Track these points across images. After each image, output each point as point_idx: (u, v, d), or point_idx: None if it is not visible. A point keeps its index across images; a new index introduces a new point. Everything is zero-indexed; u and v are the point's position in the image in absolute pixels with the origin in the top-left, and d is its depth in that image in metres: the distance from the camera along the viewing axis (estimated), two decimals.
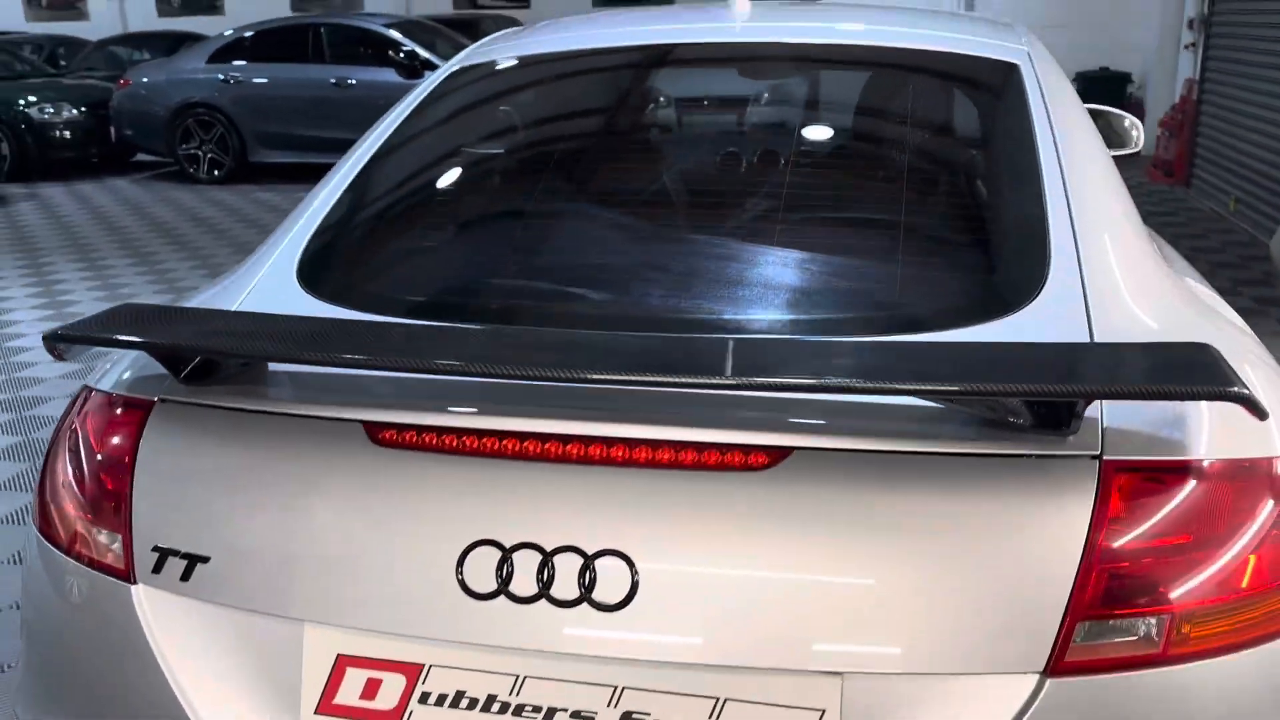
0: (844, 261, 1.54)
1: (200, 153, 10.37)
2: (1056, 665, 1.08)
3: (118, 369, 1.42)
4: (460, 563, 1.13)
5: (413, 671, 1.17)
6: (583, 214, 1.71)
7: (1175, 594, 1.11)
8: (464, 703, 1.16)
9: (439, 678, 1.17)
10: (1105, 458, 1.14)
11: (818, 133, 1.93)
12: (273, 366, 1.32)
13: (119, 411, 1.35)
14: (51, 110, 11.00)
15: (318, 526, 1.19)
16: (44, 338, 1.32)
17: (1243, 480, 1.16)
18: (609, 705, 1.13)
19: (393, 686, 1.18)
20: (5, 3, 18.90)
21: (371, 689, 1.18)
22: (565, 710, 1.14)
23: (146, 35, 15.21)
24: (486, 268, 1.59)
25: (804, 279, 1.49)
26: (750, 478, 1.12)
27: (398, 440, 1.19)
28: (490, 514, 1.14)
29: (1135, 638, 1.10)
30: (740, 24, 2.24)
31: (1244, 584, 1.13)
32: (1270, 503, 1.16)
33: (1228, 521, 1.15)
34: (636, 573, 1.11)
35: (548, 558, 1.12)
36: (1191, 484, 1.15)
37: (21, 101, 10.92)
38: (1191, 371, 1.09)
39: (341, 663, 1.19)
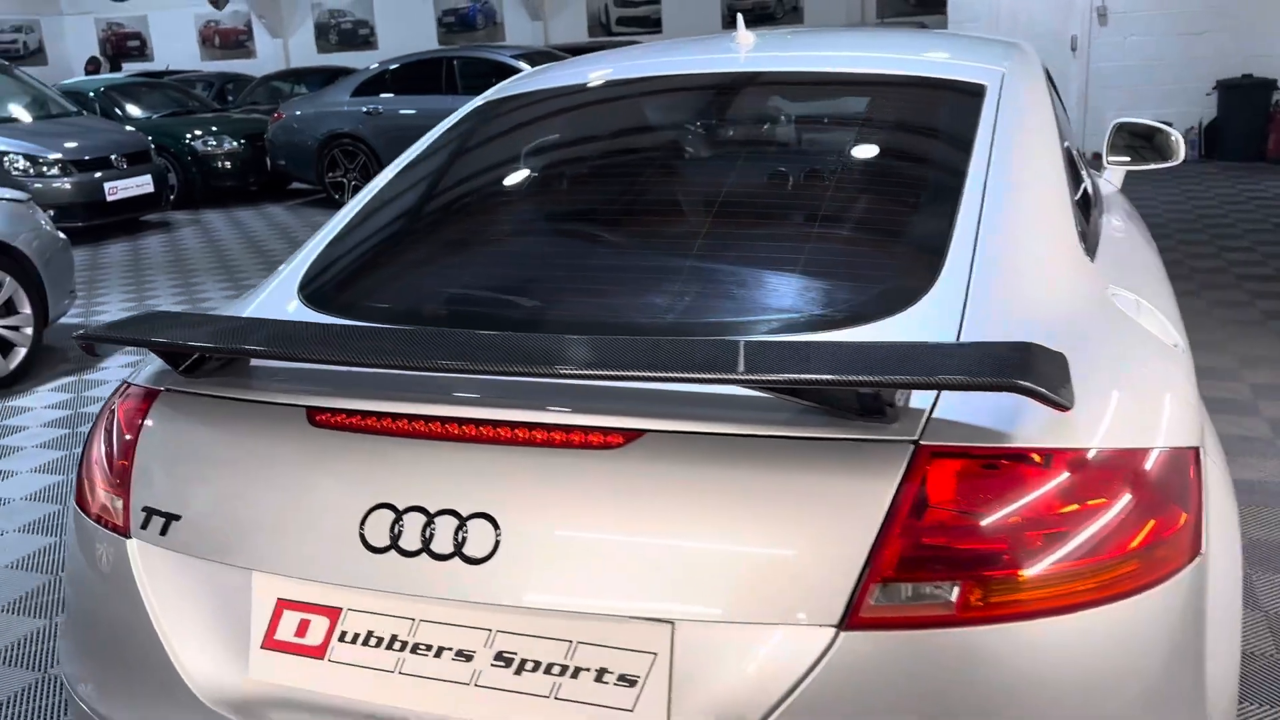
0: (754, 270, 1.70)
1: (345, 180, 11.09)
2: (851, 620, 1.22)
3: (151, 365, 1.71)
4: (363, 522, 1.36)
5: (334, 614, 1.40)
6: (540, 232, 1.93)
7: (970, 565, 1.23)
8: (373, 641, 1.38)
9: (353, 620, 1.39)
10: (922, 442, 1.27)
11: (766, 153, 2.09)
12: (253, 362, 1.59)
13: (136, 399, 1.63)
14: (214, 143, 11.96)
15: (263, 491, 1.44)
16: (74, 336, 1.63)
17: (1044, 468, 1.28)
18: (485, 646, 1.33)
19: (319, 627, 1.41)
20: (184, 44, 20.54)
21: (303, 628, 1.42)
22: (451, 649, 1.34)
23: (305, 70, 16.27)
24: (441, 281, 1.82)
25: (713, 286, 1.66)
26: (605, 454, 1.31)
27: (328, 422, 1.43)
28: (388, 482, 1.36)
29: (928, 601, 1.23)
30: (736, 55, 2.43)
31: (1038, 560, 1.24)
32: (1072, 489, 1.27)
33: (1029, 504, 1.26)
34: (500, 532, 1.31)
35: (431, 519, 1.33)
36: (998, 469, 1.27)
37: (188, 135, 11.92)
38: (993, 366, 1.21)
39: (280, 605, 1.43)
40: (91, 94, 12.70)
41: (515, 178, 2.12)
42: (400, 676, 1.36)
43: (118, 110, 12.56)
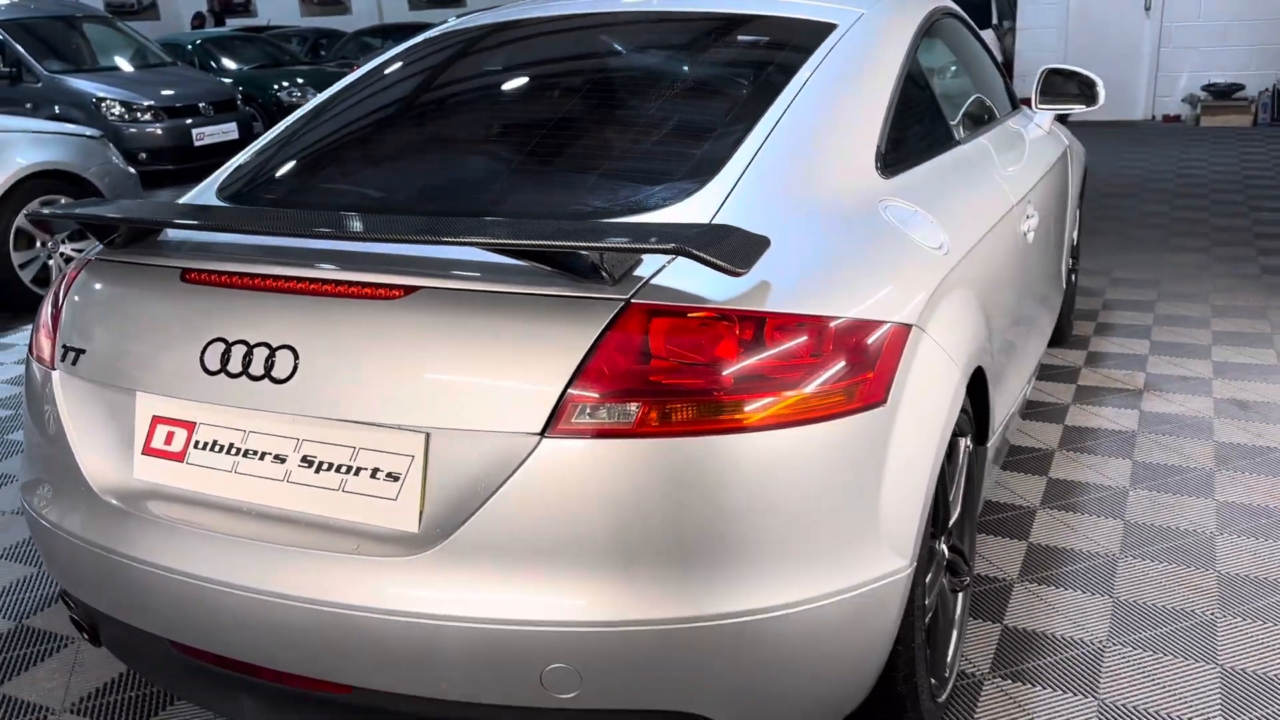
0: (566, 173, 2.02)
1: None
2: (552, 430, 1.55)
3: (96, 246, 2.12)
4: (203, 351, 1.74)
5: (190, 427, 1.79)
6: (406, 143, 2.27)
7: (652, 393, 1.55)
8: (217, 448, 1.76)
9: (204, 432, 1.78)
10: (634, 301, 1.59)
11: (611, 79, 2.38)
12: (162, 235, 1.99)
13: (76, 268, 2.05)
14: (299, 94, 12.60)
15: (144, 331, 1.83)
16: (40, 214, 2.05)
17: (731, 323, 1.58)
18: (294, 451, 1.70)
19: (180, 437, 1.80)
20: (286, 3, 21.36)
21: (169, 438, 1.81)
22: (270, 454, 1.71)
23: (393, 26, 16.84)
24: (315, 178, 2.19)
25: (532, 183, 1.99)
26: (388, 304, 1.66)
27: (192, 279, 1.81)
28: (223, 321, 1.74)
29: (616, 419, 1.54)
30: None
31: (715, 391, 1.55)
32: (754, 342, 1.57)
33: (711, 349, 1.57)
34: (299, 358, 1.67)
35: (250, 349, 1.70)
36: (691, 324, 1.57)
37: (274, 86, 12.58)
38: (673, 237, 1.52)
39: (155, 421, 1.82)
40: (189, 46, 13.46)
41: (402, 102, 2.47)
42: (235, 475, 1.75)
43: (212, 63, 13.30)
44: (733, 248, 1.55)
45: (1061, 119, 4.30)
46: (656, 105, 2.20)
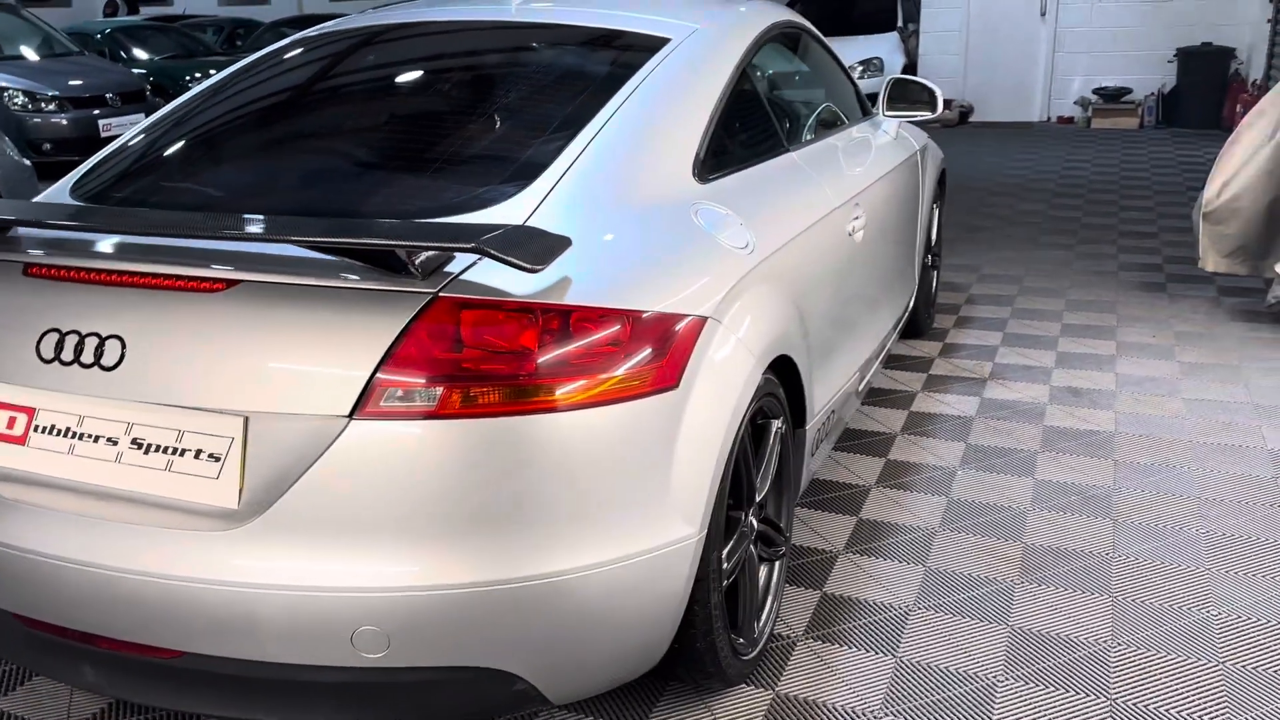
0: (398, 174, 2.18)
1: None
2: (359, 413, 1.71)
3: None
4: (39, 341, 1.86)
5: (30, 412, 1.91)
6: (249, 145, 2.42)
7: (445, 376, 1.71)
8: (54, 432, 1.88)
9: (44, 416, 1.90)
10: (442, 295, 1.75)
11: (453, 85, 2.55)
12: (12, 231, 2.10)
13: None
14: None
15: None
16: None
17: (531, 315, 1.75)
18: (125, 434, 1.84)
19: (21, 422, 1.92)
20: None
21: (11, 423, 1.93)
22: (104, 437, 1.84)
23: (311, 17, 16.70)
24: (158, 173, 2.32)
25: (363, 185, 2.14)
26: (211, 296, 1.80)
27: (33, 273, 1.93)
28: (57, 313, 1.87)
29: (419, 402, 1.71)
30: (487, 6, 2.89)
31: (517, 377, 1.73)
32: (523, 328, 1.75)
33: (509, 337, 1.74)
34: (126, 347, 1.81)
35: (83, 339, 1.83)
36: (492, 315, 1.75)
37: (186, 77, 12.45)
38: (470, 236, 1.68)
39: (1, 406, 1.94)
40: (98, 35, 13.25)
41: (255, 104, 2.60)
42: (73, 457, 1.87)
43: (122, 53, 13.10)
44: (531, 248, 1.72)
45: (960, 122, 4.54)
46: (491, 111, 2.36)
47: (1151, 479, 3.23)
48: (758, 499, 2.32)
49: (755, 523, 2.32)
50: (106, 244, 1.95)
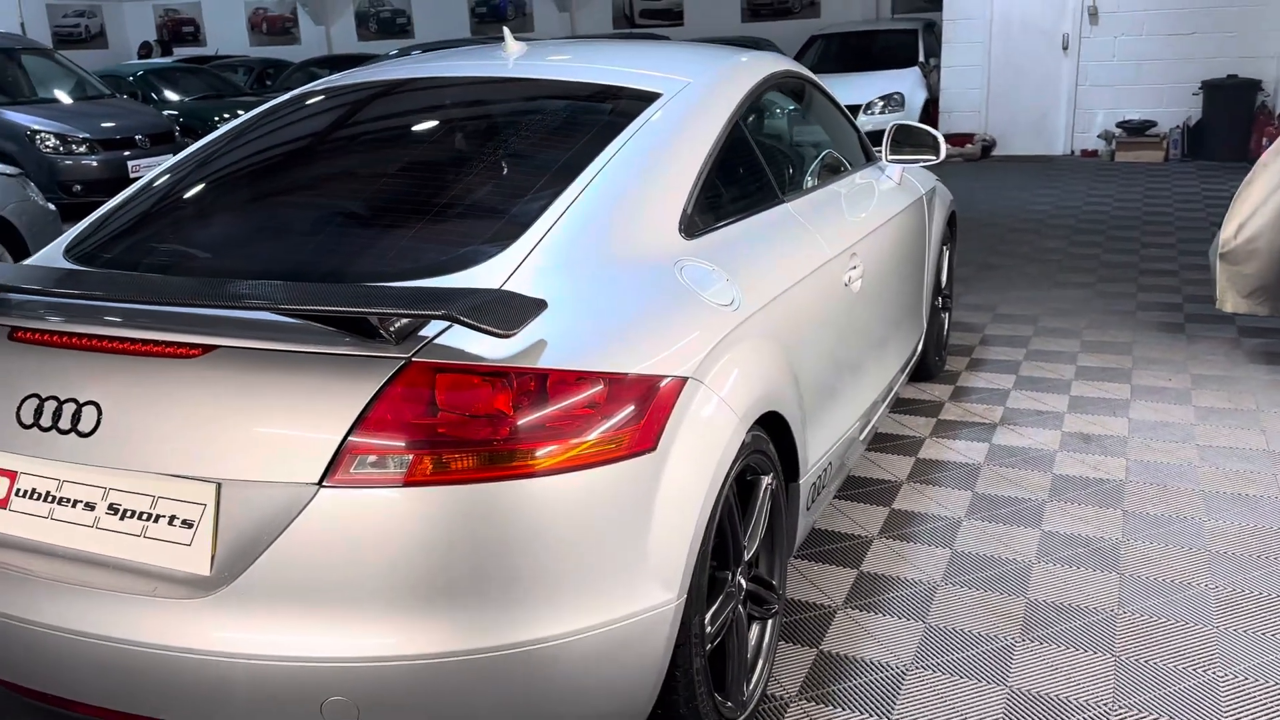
0: (383, 232, 2.18)
1: None
2: (329, 480, 1.70)
3: None
4: (20, 406, 1.88)
5: (12, 475, 1.92)
6: (242, 204, 2.43)
7: (418, 442, 1.70)
8: (35, 496, 1.89)
9: (24, 480, 1.90)
10: (415, 359, 1.75)
11: (446, 143, 2.55)
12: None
13: None
14: None
15: None
16: None
17: (497, 379, 1.74)
18: (102, 499, 1.84)
19: (3, 485, 1.93)
20: (234, 30, 21.44)
21: None
22: (82, 501, 1.85)
23: (340, 57, 16.97)
24: (148, 235, 2.34)
25: (346, 243, 2.15)
26: (187, 362, 1.80)
27: (19, 337, 1.95)
28: (37, 378, 1.88)
29: (389, 469, 1.70)
30: (482, 62, 2.91)
31: (489, 443, 1.71)
32: (495, 393, 1.73)
33: (482, 404, 1.73)
34: (102, 414, 1.81)
35: (61, 404, 1.84)
36: (466, 379, 1.74)
37: (215, 118, 12.66)
38: (440, 302, 1.68)
39: None
40: (130, 78, 13.52)
41: (246, 164, 2.62)
42: (51, 521, 1.88)
43: (154, 94, 13.35)
44: (504, 313, 1.71)
45: (982, 156, 4.51)
46: (477, 169, 2.37)
47: (1161, 530, 3.16)
48: (746, 557, 2.29)
49: (744, 582, 2.28)
50: (83, 310, 1.96)
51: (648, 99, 2.57)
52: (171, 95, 13.58)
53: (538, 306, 1.79)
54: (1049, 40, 11.78)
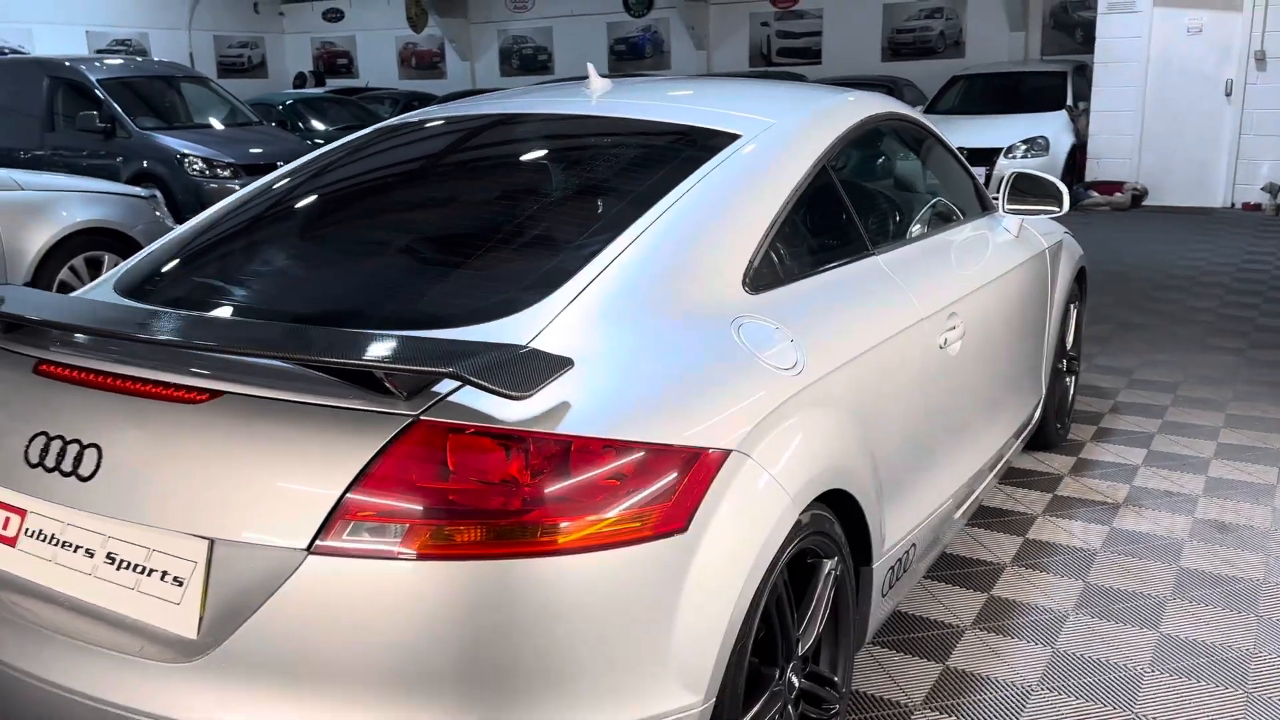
0: (423, 275, 2.05)
1: None
2: (318, 546, 1.55)
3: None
4: (29, 443, 1.80)
5: (22, 514, 1.84)
6: (285, 241, 2.34)
7: (418, 509, 1.54)
8: (42, 537, 1.81)
9: (33, 520, 1.83)
10: (424, 418, 1.60)
11: (502, 183, 2.41)
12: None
13: None
14: None
15: None
16: None
17: (514, 444, 1.57)
18: (101, 547, 1.74)
19: (13, 523, 1.85)
20: (385, 64, 22.25)
21: (6, 524, 1.87)
22: (83, 547, 1.75)
23: (479, 91, 17.32)
24: (194, 272, 2.26)
25: (387, 284, 2.02)
26: (192, 407, 1.69)
27: (42, 370, 1.88)
28: (48, 415, 1.80)
29: (384, 538, 1.54)
30: (566, 98, 2.78)
31: (496, 516, 1.54)
32: (509, 459, 1.56)
33: (494, 471, 1.56)
34: (102, 458, 1.72)
35: (65, 445, 1.76)
36: (478, 442, 1.57)
37: None
38: (446, 359, 1.53)
39: None
40: (279, 107, 14.08)
41: (296, 202, 2.52)
42: (55, 565, 1.79)
43: (300, 123, 13.86)
44: (519, 371, 1.55)
45: (1133, 205, 4.17)
46: (531, 213, 2.23)
47: None
48: (800, 652, 2.05)
49: (796, 679, 2.04)
50: (89, 346, 1.88)
51: (725, 140, 2.38)
52: (317, 124, 14.08)
53: (561, 365, 1.62)
54: (1210, 85, 11.08)
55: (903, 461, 2.44)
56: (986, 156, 11.03)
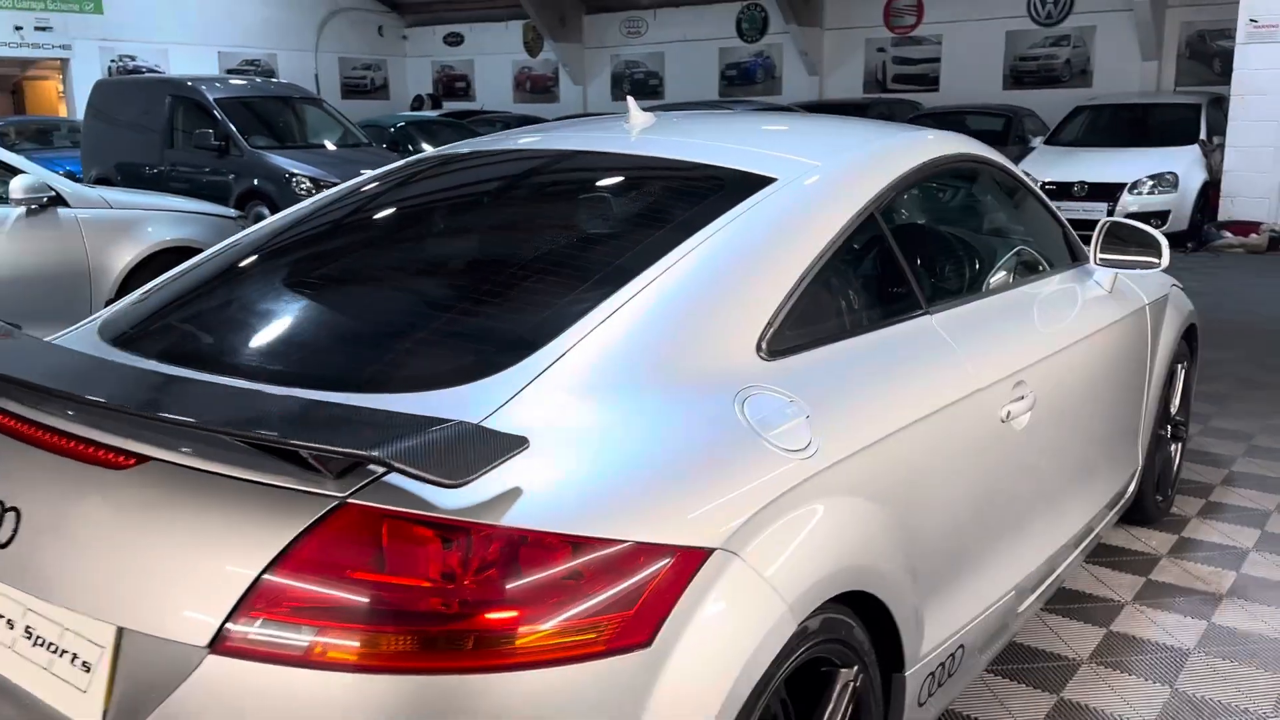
0: (397, 331, 1.86)
1: None
2: (218, 645, 1.36)
3: None
4: None
5: None
6: (269, 285, 2.16)
7: (335, 615, 1.34)
8: None
9: None
10: (351, 500, 1.40)
11: (507, 228, 2.20)
12: None
13: None
14: None
15: None
16: None
17: (451, 535, 1.37)
18: (21, 618, 1.59)
19: None
20: (501, 87, 22.58)
21: None
22: (5, 616, 1.61)
23: (592, 115, 17.37)
24: (181, 318, 2.10)
25: (354, 341, 1.84)
26: (117, 472, 1.53)
27: None
28: None
29: (292, 639, 1.34)
30: (598, 134, 2.58)
31: (416, 620, 1.34)
32: (448, 552, 1.35)
33: (426, 567, 1.35)
34: (20, 523, 1.57)
35: None
36: (410, 531, 1.37)
37: None
38: (372, 441, 1.33)
39: None
40: (391, 129, 14.32)
41: (290, 246, 2.33)
42: None
43: (410, 145, 14.06)
44: (459, 454, 1.34)
45: (1270, 249, 3.76)
46: (528, 261, 2.03)
47: None
48: None
49: None
50: (18, 397, 1.73)
51: (758, 184, 2.13)
52: (427, 146, 14.25)
53: (513, 446, 1.40)
54: None
55: (949, 554, 2.14)
56: (1109, 192, 10.44)
